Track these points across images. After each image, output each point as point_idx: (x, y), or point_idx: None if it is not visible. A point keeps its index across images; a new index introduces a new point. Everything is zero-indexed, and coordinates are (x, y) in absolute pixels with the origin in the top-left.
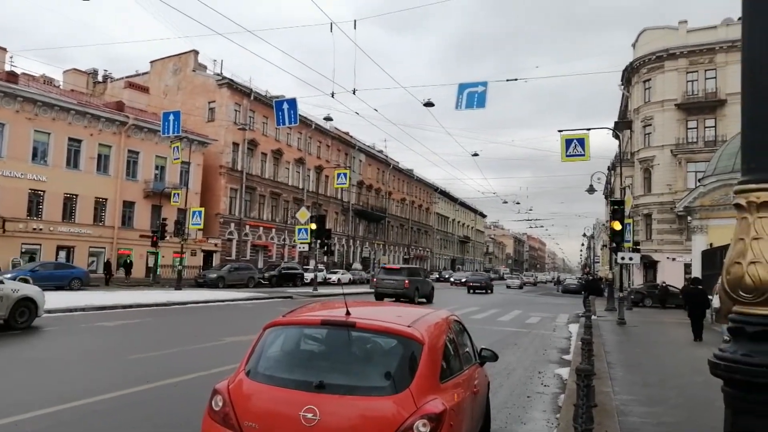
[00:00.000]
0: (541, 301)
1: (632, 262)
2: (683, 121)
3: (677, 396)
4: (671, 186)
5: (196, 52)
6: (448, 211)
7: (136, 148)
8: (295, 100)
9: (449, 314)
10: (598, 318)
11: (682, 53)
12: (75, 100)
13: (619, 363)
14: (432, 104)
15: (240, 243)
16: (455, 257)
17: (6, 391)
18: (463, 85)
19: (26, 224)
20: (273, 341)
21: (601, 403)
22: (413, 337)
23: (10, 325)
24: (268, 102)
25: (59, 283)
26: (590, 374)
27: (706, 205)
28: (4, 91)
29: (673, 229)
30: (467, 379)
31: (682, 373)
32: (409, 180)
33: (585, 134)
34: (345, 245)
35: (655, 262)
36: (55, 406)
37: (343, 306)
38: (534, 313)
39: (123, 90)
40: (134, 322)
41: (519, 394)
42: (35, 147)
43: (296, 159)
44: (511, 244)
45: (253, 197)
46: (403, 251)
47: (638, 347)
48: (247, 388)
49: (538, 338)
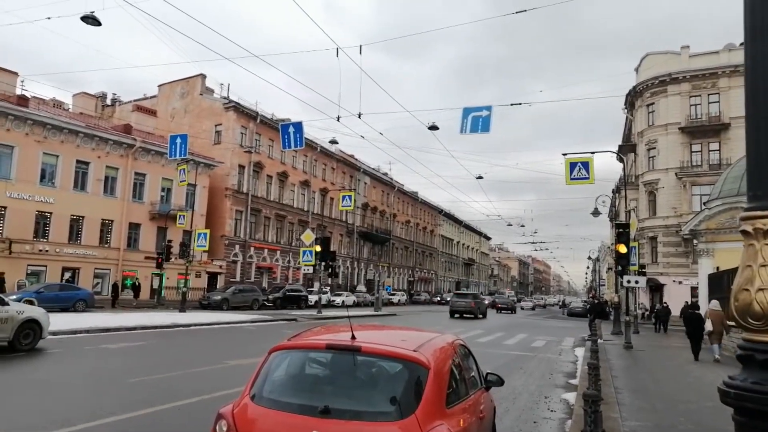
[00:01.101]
0: (546, 325)
1: (638, 286)
2: (687, 144)
3: (686, 422)
4: (676, 209)
5: (204, 76)
6: (452, 233)
7: (142, 170)
8: (300, 123)
9: (455, 338)
10: (605, 342)
11: (685, 77)
12: (83, 123)
13: (626, 388)
14: (436, 128)
15: (245, 265)
16: (460, 279)
17: (11, 413)
18: (467, 110)
19: (32, 246)
20: (278, 365)
21: (609, 429)
22: (419, 362)
23: (15, 347)
24: (273, 125)
25: (64, 305)
26: (598, 399)
27: (712, 228)
28: (15, 114)
29: (679, 252)
30: (473, 404)
31: (690, 399)
32: (413, 202)
33: (589, 157)
34: (349, 267)
35: (662, 285)
36: (59, 429)
37: (348, 329)
38: (539, 337)
39: (131, 113)
40: (138, 344)
41: (525, 419)
42: (43, 169)
43: (301, 181)
44: (516, 267)
45: (259, 219)
46: (408, 273)
47: (645, 372)
48: (252, 413)
49: (543, 362)
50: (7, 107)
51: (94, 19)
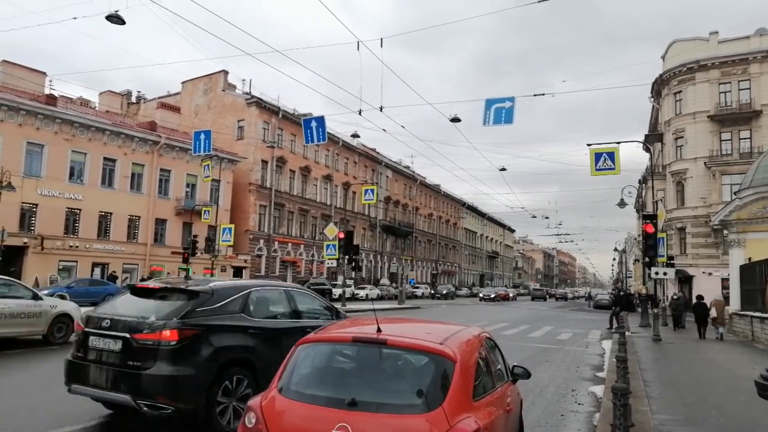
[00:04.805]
0: (571, 317)
1: (666, 277)
2: (716, 132)
3: (719, 415)
4: (705, 199)
5: (226, 72)
6: (476, 226)
7: (167, 166)
8: (323, 117)
9: (481, 331)
10: (632, 334)
11: (713, 64)
12: (110, 121)
13: (655, 381)
14: (458, 120)
15: (269, 259)
16: (484, 272)
17: (44, 406)
18: (490, 101)
19: (63, 242)
20: (305, 358)
21: (638, 423)
22: (445, 355)
23: (48, 340)
24: (296, 120)
25: (94, 300)
26: (626, 393)
27: (743, 218)
28: (44, 113)
29: (709, 243)
30: (500, 397)
31: (722, 392)
32: (436, 195)
33: (615, 148)
34: (373, 261)
35: (691, 276)
36: (89, 421)
37: (373, 322)
38: (565, 330)
39: (155, 110)
40: None
41: (552, 412)
42: (72, 167)
43: (324, 176)
44: (541, 259)
45: (282, 214)
46: (431, 266)
47: (675, 364)
48: (280, 405)
49: (570, 355)
50: (37, 107)
51: (119, 17)
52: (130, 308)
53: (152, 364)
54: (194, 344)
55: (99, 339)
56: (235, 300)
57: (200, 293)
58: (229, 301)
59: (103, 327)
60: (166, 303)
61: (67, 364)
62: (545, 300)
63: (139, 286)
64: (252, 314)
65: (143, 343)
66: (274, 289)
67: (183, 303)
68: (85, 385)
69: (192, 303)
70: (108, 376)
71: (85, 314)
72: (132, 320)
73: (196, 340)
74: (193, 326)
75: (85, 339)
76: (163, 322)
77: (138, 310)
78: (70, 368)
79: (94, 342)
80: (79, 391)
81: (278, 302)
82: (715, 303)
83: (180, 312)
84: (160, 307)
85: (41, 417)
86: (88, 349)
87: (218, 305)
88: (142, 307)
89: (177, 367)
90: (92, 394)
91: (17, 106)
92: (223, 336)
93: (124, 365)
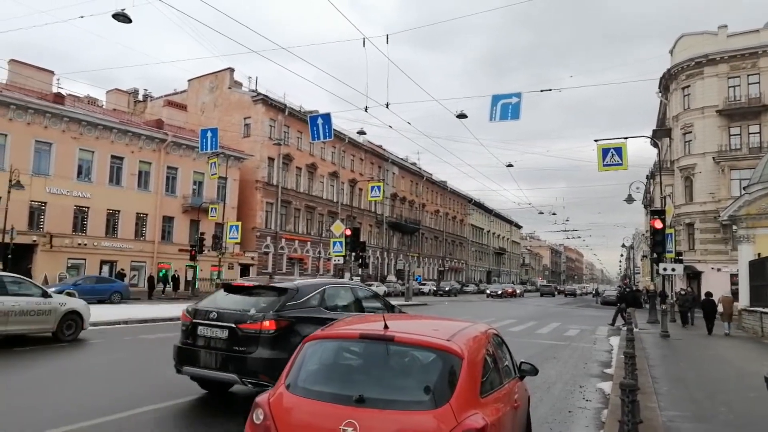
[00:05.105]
0: (579, 314)
1: (675, 273)
2: (725, 127)
3: (728, 412)
4: (714, 194)
5: (232, 70)
6: (482, 222)
7: (174, 164)
8: (329, 114)
9: (488, 327)
10: (640, 331)
11: (722, 58)
12: (117, 119)
13: (664, 377)
14: (465, 116)
15: (276, 256)
16: (491, 269)
17: (55, 402)
18: (496, 97)
19: (72, 239)
20: (312, 354)
21: (646, 419)
22: (453, 351)
23: (58, 337)
24: (302, 117)
25: (100, 297)
26: (635, 389)
27: (753, 213)
28: (52, 112)
29: (718, 238)
30: (507, 394)
31: (731, 389)
32: (442, 192)
33: (622, 143)
34: (379, 257)
35: (699, 272)
36: (100, 417)
37: (380, 319)
38: (572, 326)
39: (162, 108)
40: (175, 335)
41: (560, 408)
42: (80, 165)
43: (330, 173)
44: (548, 255)
45: (289, 211)
46: (438, 263)
47: (683, 361)
48: (288, 402)
49: (577, 351)
50: (45, 105)
51: (125, 16)
52: (230, 303)
53: (255, 349)
54: (287, 332)
55: (207, 328)
56: (314, 295)
57: (288, 290)
58: (310, 297)
59: (210, 318)
60: (262, 299)
61: (177, 350)
62: (554, 296)
63: (235, 285)
64: (327, 308)
65: (247, 332)
66: (342, 287)
67: (275, 298)
68: (195, 366)
69: (283, 298)
70: (216, 359)
71: (191, 308)
72: (236, 313)
73: (288, 329)
74: (285, 318)
75: (193, 328)
76: (262, 314)
77: (238, 304)
78: (181, 353)
79: (202, 331)
80: (189, 372)
81: (346, 297)
82: (723, 299)
83: (275, 306)
84: (257, 302)
85: (50, 414)
86: (197, 337)
87: (302, 300)
88: (241, 302)
89: (275, 351)
90: (201, 374)
91: (25, 104)
92: (307, 326)
93: (230, 350)
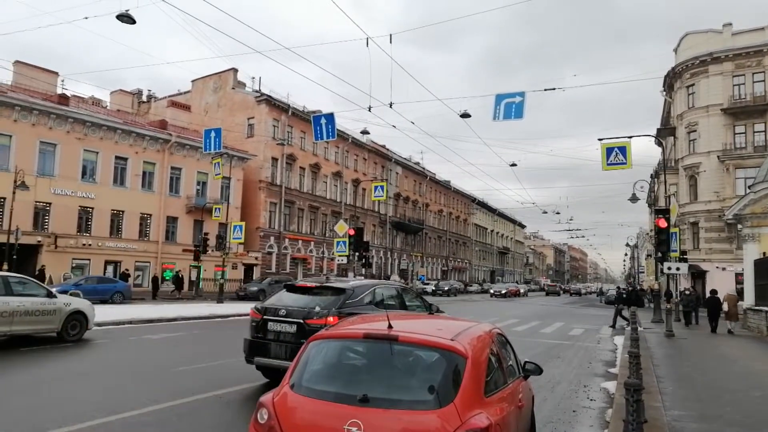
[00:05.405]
0: (583, 313)
1: (679, 272)
2: (730, 126)
3: (734, 411)
4: (719, 193)
5: (235, 70)
6: (486, 222)
7: (178, 164)
8: (332, 114)
9: (492, 327)
10: (645, 330)
11: (727, 56)
12: (121, 120)
13: (669, 377)
14: (468, 115)
15: (280, 256)
16: (494, 268)
17: (60, 401)
18: (500, 96)
19: (76, 240)
20: (316, 354)
21: (651, 419)
22: (457, 351)
23: (63, 337)
24: (305, 117)
25: (102, 297)
26: (639, 388)
27: (758, 212)
28: (56, 113)
29: (722, 237)
30: (512, 393)
31: (737, 388)
32: (446, 191)
33: (626, 142)
34: (383, 257)
35: (704, 271)
36: (106, 416)
37: (384, 319)
38: (576, 325)
39: (166, 109)
40: (179, 334)
41: (564, 408)
42: (84, 165)
43: (334, 173)
44: (552, 255)
45: (292, 211)
46: (442, 263)
47: (689, 360)
48: (292, 402)
49: (582, 351)
50: (49, 106)
51: (129, 17)
52: (295, 301)
53: None
54: None
55: (276, 324)
56: (366, 294)
57: (346, 290)
58: (364, 296)
59: (280, 315)
60: (324, 297)
61: (249, 343)
62: (559, 295)
63: (298, 285)
64: (377, 305)
65: (314, 327)
66: (388, 287)
67: (336, 297)
68: (266, 357)
69: (342, 297)
70: (286, 351)
71: (260, 306)
72: (302, 310)
73: None
74: (345, 314)
75: (264, 324)
76: (326, 311)
77: (303, 302)
78: (252, 346)
79: (272, 326)
80: (259, 362)
81: (392, 296)
82: (727, 298)
83: (336, 304)
84: (320, 301)
85: (55, 414)
86: (267, 331)
87: (358, 298)
88: (306, 301)
89: None
90: (272, 364)
91: (30, 106)
92: None
93: (298, 342)
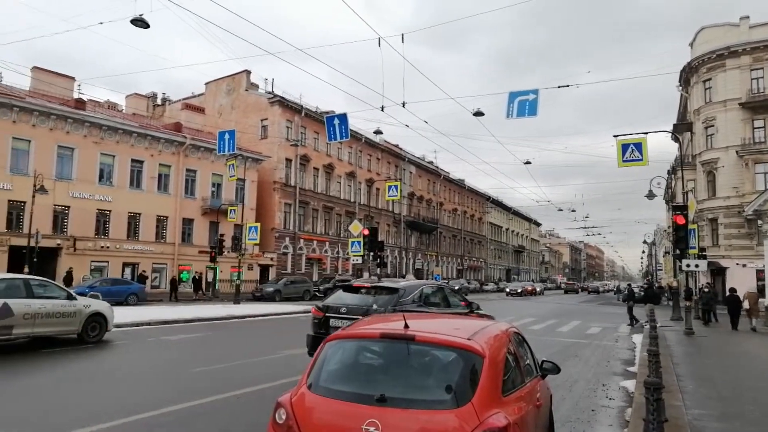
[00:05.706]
0: (600, 311)
1: (698, 269)
2: (749, 120)
3: (755, 410)
4: (738, 188)
5: (248, 72)
6: (501, 220)
7: (193, 166)
8: (345, 115)
9: (509, 326)
10: (664, 328)
11: (744, 50)
12: (137, 123)
13: (689, 375)
14: (482, 114)
15: (295, 256)
16: (510, 267)
17: (80, 402)
18: (513, 94)
19: (95, 243)
20: (333, 354)
21: (672, 418)
22: (474, 350)
23: (83, 339)
24: (318, 118)
25: (117, 299)
26: (659, 387)
27: None
28: (74, 117)
29: (742, 233)
30: (529, 392)
31: (759, 387)
32: (460, 190)
33: (642, 138)
34: (397, 257)
35: (724, 268)
36: (126, 417)
37: (401, 318)
38: (594, 324)
39: (180, 111)
40: (197, 335)
41: (583, 407)
42: (101, 169)
43: (347, 173)
44: (568, 253)
45: (307, 211)
46: (457, 262)
47: (709, 358)
48: (310, 402)
49: (599, 349)
50: (67, 111)
51: (143, 21)
52: (354, 300)
53: None
54: None
55: (338, 320)
56: (415, 294)
57: (398, 290)
58: (413, 295)
59: (341, 312)
60: (380, 296)
61: (312, 339)
62: (577, 293)
63: (355, 285)
64: (424, 304)
65: None
66: (432, 286)
67: (390, 296)
68: None
69: (396, 296)
70: None
71: (322, 305)
72: (362, 308)
73: None
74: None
75: (326, 321)
76: (383, 308)
77: (361, 301)
78: (315, 342)
79: (334, 323)
80: None
81: (436, 296)
82: (748, 295)
83: (392, 302)
84: (376, 299)
85: (77, 414)
86: (329, 328)
87: (409, 297)
88: (363, 299)
89: None
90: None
91: (48, 111)
92: None
93: None
